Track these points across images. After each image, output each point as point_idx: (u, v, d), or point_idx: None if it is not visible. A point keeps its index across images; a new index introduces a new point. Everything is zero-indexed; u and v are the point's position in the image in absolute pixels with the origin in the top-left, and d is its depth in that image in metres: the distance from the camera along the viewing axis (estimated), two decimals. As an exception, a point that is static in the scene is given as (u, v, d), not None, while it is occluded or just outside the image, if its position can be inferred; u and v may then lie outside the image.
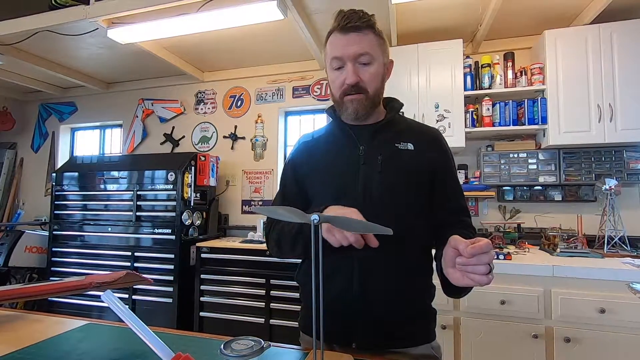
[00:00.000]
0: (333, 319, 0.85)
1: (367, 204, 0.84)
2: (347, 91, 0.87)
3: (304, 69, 3.23)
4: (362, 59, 0.86)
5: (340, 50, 0.86)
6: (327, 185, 0.91)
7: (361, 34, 0.85)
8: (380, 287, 0.84)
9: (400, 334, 0.85)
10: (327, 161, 0.93)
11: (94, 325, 0.92)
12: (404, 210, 0.86)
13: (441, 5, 2.23)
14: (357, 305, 0.84)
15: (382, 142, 0.91)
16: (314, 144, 1.00)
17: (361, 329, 0.84)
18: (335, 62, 0.88)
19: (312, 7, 2.30)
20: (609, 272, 1.75)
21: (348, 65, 0.86)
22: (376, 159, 0.88)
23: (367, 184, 0.87)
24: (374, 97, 0.89)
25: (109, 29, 2.39)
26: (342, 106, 0.91)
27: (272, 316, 2.54)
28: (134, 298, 2.82)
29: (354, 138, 0.92)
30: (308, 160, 0.98)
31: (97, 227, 3.01)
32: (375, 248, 0.80)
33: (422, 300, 0.90)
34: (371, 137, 0.91)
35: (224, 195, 3.41)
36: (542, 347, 1.79)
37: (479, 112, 2.53)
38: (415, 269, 0.88)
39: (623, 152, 2.33)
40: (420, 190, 0.89)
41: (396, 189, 0.87)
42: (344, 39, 0.86)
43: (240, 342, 0.68)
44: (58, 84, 3.87)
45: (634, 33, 2.15)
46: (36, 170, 4.12)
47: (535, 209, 2.57)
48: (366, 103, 0.88)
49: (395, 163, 0.88)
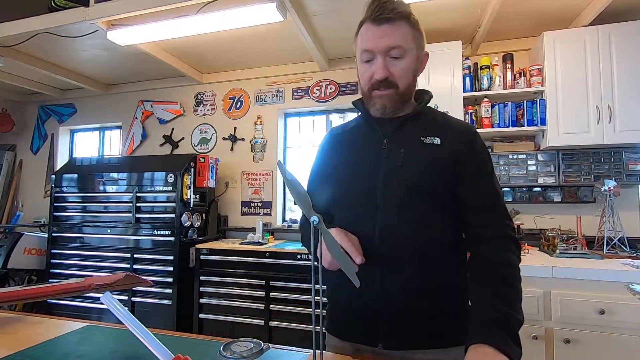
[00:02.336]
0: (356, 319, 0.85)
1: (386, 198, 0.83)
2: (375, 85, 0.84)
3: (303, 71, 3.24)
4: (394, 52, 0.82)
5: (370, 43, 0.82)
6: (350, 179, 0.89)
7: (394, 26, 0.81)
8: (401, 286, 0.81)
9: (428, 334, 0.81)
10: (351, 155, 0.92)
11: (93, 327, 0.92)
12: (425, 206, 0.82)
13: (440, 7, 2.24)
14: (379, 304, 0.81)
15: (407, 135, 0.87)
16: (340, 139, 0.99)
17: (385, 329, 0.81)
18: (366, 54, 0.84)
19: (311, 9, 2.30)
20: (608, 273, 1.75)
21: (378, 59, 0.82)
22: (399, 152, 0.85)
23: (388, 178, 0.84)
24: (404, 92, 0.86)
25: (109, 31, 2.39)
26: (370, 100, 0.88)
27: (271, 318, 2.53)
28: (133, 300, 2.81)
29: (379, 131, 0.89)
30: (333, 155, 0.97)
31: (96, 228, 3.01)
32: (396, 246, 0.81)
33: (452, 299, 0.83)
34: (397, 130, 0.88)
35: (223, 197, 3.40)
36: (542, 349, 1.79)
37: (478, 114, 2.53)
38: (439, 266, 0.82)
39: (622, 154, 2.33)
40: (444, 186, 0.83)
41: (417, 183, 0.82)
42: (375, 31, 0.82)
43: (240, 344, 0.68)
44: (57, 85, 3.87)
45: (632, 35, 2.16)
46: (35, 172, 4.12)
47: (535, 210, 2.57)
48: (395, 98, 0.85)
49: (418, 157, 0.84)
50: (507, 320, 0.69)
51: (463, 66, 2.46)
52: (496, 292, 0.74)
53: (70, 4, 2.24)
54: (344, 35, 2.68)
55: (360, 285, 0.69)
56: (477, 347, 0.66)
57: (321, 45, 2.84)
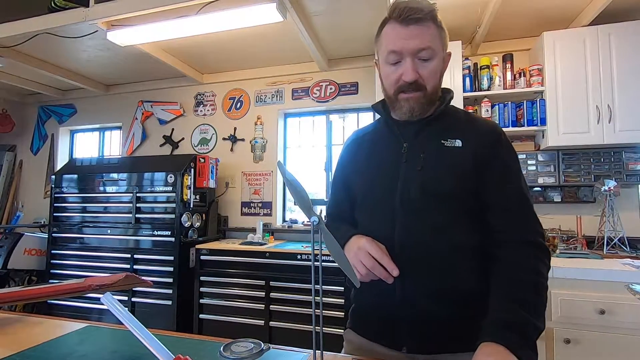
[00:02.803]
0: (379, 322, 0.85)
1: (405, 203, 0.81)
2: (403, 88, 0.82)
3: (303, 71, 3.24)
4: (423, 54, 0.80)
5: (399, 44, 0.79)
6: (369, 184, 0.89)
7: (423, 27, 0.79)
8: (421, 290, 0.79)
9: (451, 339, 0.79)
10: (371, 159, 0.91)
11: (93, 328, 0.92)
12: (444, 210, 0.80)
13: (440, 7, 2.21)
14: (400, 309, 0.80)
15: (428, 138, 0.85)
16: (360, 143, 0.97)
17: (407, 332, 0.80)
18: (392, 56, 0.81)
19: (311, 9, 2.30)
20: (608, 273, 1.75)
21: (407, 60, 0.80)
22: (418, 156, 0.83)
23: (407, 182, 0.82)
24: (431, 94, 0.83)
25: (109, 32, 2.39)
26: (395, 104, 0.85)
27: (271, 318, 2.53)
28: (134, 300, 2.81)
29: (399, 135, 0.88)
30: (353, 160, 0.96)
31: (96, 229, 3.01)
32: (415, 250, 0.80)
33: (474, 303, 0.79)
34: (417, 133, 0.86)
35: (223, 197, 3.40)
36: (542, 348, 1.78)
37: (478, 114, 2.53)
38: (459, 271, 0.80)
39: (622, 153, 2.33)
40: (465, 190, 0.80)
41: (436, 187, 0.80)
42: (403, 32, 0.79)
43: (240, 345, 0.68)
44: (57, 86, 3.87)
45: (632, 35, 2.16)
46: (35, 172, 4.12)
47: (535, 210, 2.56)
48: (423, 101, 0.83)
49: (438, 160, 0.82)
50: (524, 325, 0.67)
51: (463, 66, 2.46)
52: (515, 296, 0.71)
53: (70, 5, 2.24)
54: (344, 36, 2.68)
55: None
56: (489, 344, 0.65)
57: (321, 46, 2.84)
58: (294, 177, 0.68)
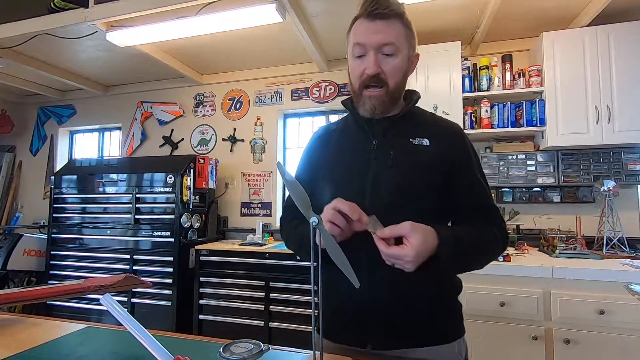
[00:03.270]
0: (345, 321, 0.85)
1: (375, 199, 0.82)
2: (366, 82, 0.83)
3: (302, 72, 3.24)
4: (386, 49, 0.81)
5: (363, 37, 0.82)
6: (338, 180, 0.88)
7: (388, 23, 0.81)
8: (388, 286, 0.81)
9: (416, 333, 0.82)
10: (339, 155, 0.91)
11: (92, 329, 0.92)
12: (413, 207, 0.81)
13: (439, 7, 2.24)
14: (366, 305, 0.81)
15: (397, 136, 0.87)
16: (328, 138, 0.97)
17: (373, 330, 0.82)
18: (357, 49, 0.84)
19: (310, 10, 2.30)
20: (608, 273, 1.75)
21: (370, 54, 0.82)
22: (388, 153, 0.85)
23: (377, 179, 0.83)
24: (394, 91, 0.85)
25: (108, 32, 2.40)
26: (360, 99, 0.87)
27: (271, 319, 2.53)
28: (133, 301, 2.81)
29: (368, 132, 0.89)
30: (320, 154, 0.96)
31: (96, 230, 3.01)
32: None
33: (441, 298, 0.85)
34: (385, 131, 0.88)
35: (223, 198, 3.40)
36: (542, 349, 1.79)
37: (477, 114, 2.53)
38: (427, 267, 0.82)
39: (621, 154, 2.34)
40: (433, 188, 0.83)
41: (406, 185, 0.82)
42: (369, 26, 0.82)
43: (240, 345, 0.68)
44: (57, 87, 3.87)
45: (630, 35, 2.16)
46: (35, 173, 4.11)
47: (534, 210, 2.57)
48: (385, 99, 0.84)
49: (407, 158, 0.84)
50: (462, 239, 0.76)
51: (462, 67, 2.47)
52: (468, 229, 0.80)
53: (69, 5, 2.25)
54: (343, 36, 2.65)
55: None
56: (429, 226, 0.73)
57: (320, 46, 2.84)
58: (294, 178, 0.68)
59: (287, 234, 0.98)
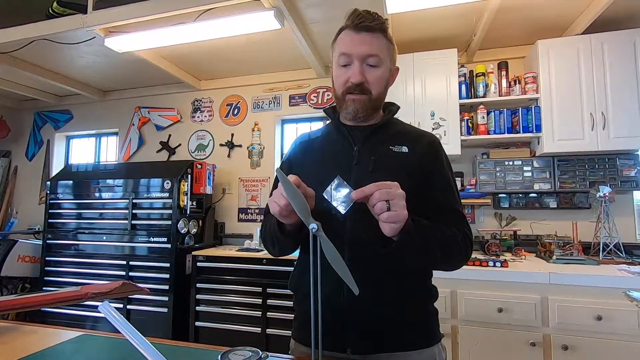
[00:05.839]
0: (324, 325, 0.85)
1: (356, 204, 0.81)
2: (350, 89, 0.87)
3: (300, 78, 3.26)
4: (371, 60, 0.86)
5: (349, 48, 0.86)
6: (320, 184, 0.86)
7: (373, 36, 0.86)
8: (369, 290, 0.80)
9: (396, 338, 0.84)
10: (321, 160, 0.94)
11: (88, 337, 0.91)
12: None
13: (436, 15, 2.26)
14: (346, 309, 0.83)
15: (377, 143, 0.91)
16: (310, 144, 1.00)
17: (353, 334, 0.83)
18: (343, 58, 0.88)
19: (308, 16, 2.32)
20: (605, 279, 1.76)
21: (355, 63, 0.86)
22: (369, 159, 0.88)
23: (359, 183, 0.82)
24: (376, 100, 0.90)
25: (106, 38, 2.40)
26: (342, 104, 0.91)
27: (268, 325, 2.51)
28: (129, 308, 2.78)
29: (349, 138, 0.92)
30: (303, 160, 0.98)
31: (91, 236, 2.98)
32: (364, 250, 0.83)
33: (419, 303, 0.89)
34: (366, 138, 0.92)
35: (220, 204, 3.39)
36: (540, 355, 1.78)
37: (474, 120, 2.55)
38: (406, 271, 0.86)
39: (616, 160, 2.36)
40: (412, 193, 0.82)
41: None
42: (355, 37, 0.86)
43: (238, 353, 0.67)
44: (54, 92, 3.86)
45: (623, 43, 2.20)
46: (30, 178, 4.09)
47: (531, 216, 2.58)
48: (368, 105, 0.89)
49: (388, 163, 0.88)
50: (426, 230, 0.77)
51: (459, 73, 2.49)
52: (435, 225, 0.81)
53: (67, 11, 2.25)
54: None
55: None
56: None
57: (318, 53, 2.86)
58: (293, 185, 0.69)
59: (264, 236, 0.98)
